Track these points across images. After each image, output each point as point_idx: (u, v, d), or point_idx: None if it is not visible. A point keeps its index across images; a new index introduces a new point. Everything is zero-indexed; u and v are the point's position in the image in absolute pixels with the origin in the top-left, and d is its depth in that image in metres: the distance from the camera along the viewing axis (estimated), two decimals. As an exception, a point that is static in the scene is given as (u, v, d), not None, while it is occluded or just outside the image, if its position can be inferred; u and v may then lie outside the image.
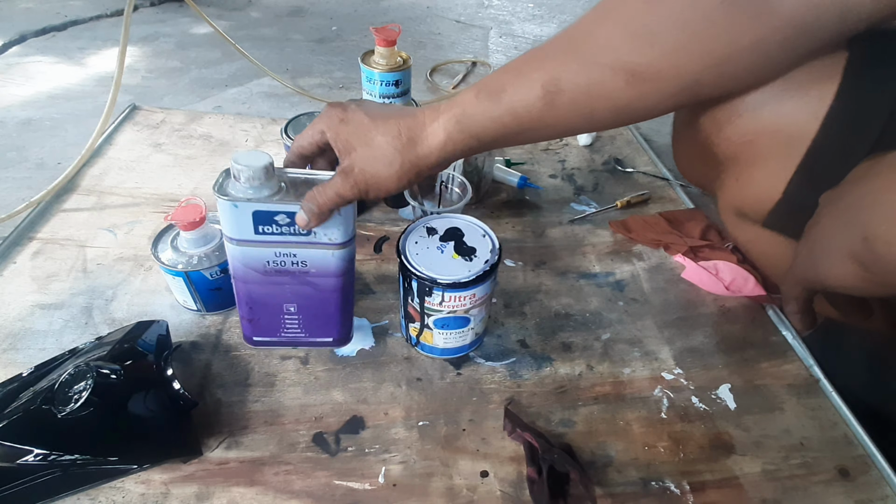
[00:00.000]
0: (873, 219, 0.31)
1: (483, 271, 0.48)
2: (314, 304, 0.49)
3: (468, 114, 0.39)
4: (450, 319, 0.51)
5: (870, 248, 0.31)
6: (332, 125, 0.43)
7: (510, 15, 1.62)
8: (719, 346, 0.60)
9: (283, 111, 1.04)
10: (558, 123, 0.39)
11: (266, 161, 0.41)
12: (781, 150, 0.40)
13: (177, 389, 0.47)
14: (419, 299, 0.50)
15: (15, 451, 0.41)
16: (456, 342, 0.55)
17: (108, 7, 1.42)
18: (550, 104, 0.38)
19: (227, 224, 0.42)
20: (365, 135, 0.41)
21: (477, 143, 0.40)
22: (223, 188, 0.41)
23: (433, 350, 0.56)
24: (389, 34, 0.69)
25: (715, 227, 0.76)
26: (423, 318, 0.52)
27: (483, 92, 0.39)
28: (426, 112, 0.41)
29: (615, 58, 0.36)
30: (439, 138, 0.40)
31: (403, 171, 0.41)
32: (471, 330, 0.54)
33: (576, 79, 0.37)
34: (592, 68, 0.36)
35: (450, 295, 0.48)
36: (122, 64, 0.79)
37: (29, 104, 1.00)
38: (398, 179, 0.42)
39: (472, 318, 0.52)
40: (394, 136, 0.40)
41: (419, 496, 0.46)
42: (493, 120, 0.39)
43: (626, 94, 0.36)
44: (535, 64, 0.38)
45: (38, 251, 0.66)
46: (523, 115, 0.39)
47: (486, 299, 0.52)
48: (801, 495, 0.47)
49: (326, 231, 0.43)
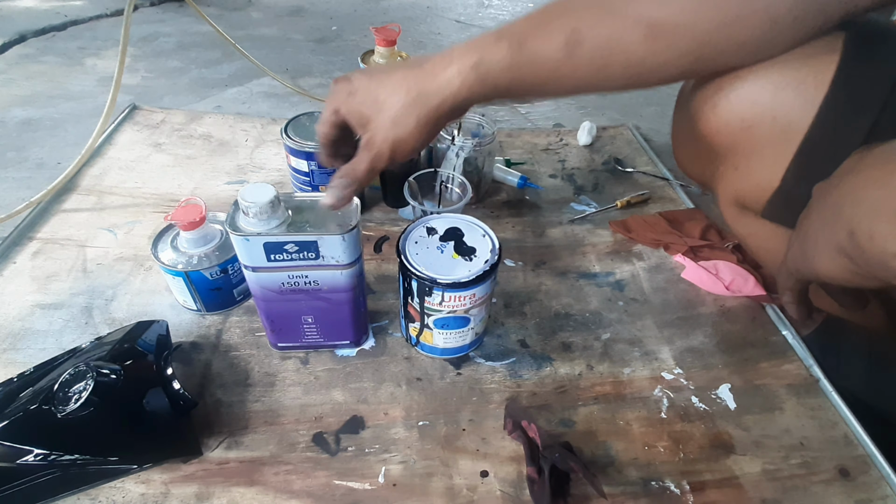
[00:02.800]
0: (857, 214, 0.32)
1: (483, 271, 0.48)
2: (329, 314, 0.52)
3: (486, 61, 0.38)
4: (450, 319, 0.51)
5: (855, 241, 0.32)
6: (342, 101, 0.42)
7: (510, 15, 1.62)
8: (719, 346, 0.60)
9: (283, 111, 1.04)
10: (573, 77, 0.39)
11: (271, 195, 0.43)
12: (779, 138, 0.41)
13: (177, 389, 0.47)
14: (419, 299, 0.50)
15: (15, 451, 0.41)
16: (456, 342, 0.55)
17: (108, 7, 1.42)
18: (569, 55, 0.38)
19: (241, 254, 0.46)
20: (374, 101, 0.40)
21: (492, 90, 0.40)
22: (234, 223, 0.44)
23: (433, 350, 0.56)
24: (389, 34, 0.69)
25: (715, 227, 0.76)
26: (424, 317, 0.52)
27: (504, 40, 0.39)
28: (436, 59, 0.40)
29: (636, 10, 0.36)
30: (454, 86, 0.39)
31: (421, 125, 0.40)
32: (471, 330, 0.54)
33: (596, 30, 0.37)
34: (614, 19, 0.37)
35: (450, 295, 0.48)
36: (122, 64, 0.79)
37: (29, 104, 1.00)
38: (419, 135, 0.41)
39: (472, 317, 0.52)
40: (404, 93, 0.40)
41: (419, 496, 0.46)
42: (511, 68, 0.39)
43: (642, 48, 0.37)
44: (558, 14, 0.39)
45: (38, 251, 0.66)
46: (541, 65, 0.39)
47: (486, 299, 0.51)
48: (801, 495, 0.47)
49: (333, 254, 0.46)
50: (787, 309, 0.43)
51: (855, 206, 0.32)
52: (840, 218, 0.33)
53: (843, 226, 0.33)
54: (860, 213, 0.32)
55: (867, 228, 0.31)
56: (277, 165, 0.84)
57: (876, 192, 0.31)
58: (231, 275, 0.58)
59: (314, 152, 0.65)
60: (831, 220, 0.34)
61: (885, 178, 0.31)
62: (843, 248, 0.33)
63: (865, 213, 0.31)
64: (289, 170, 0.70)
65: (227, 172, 0.82)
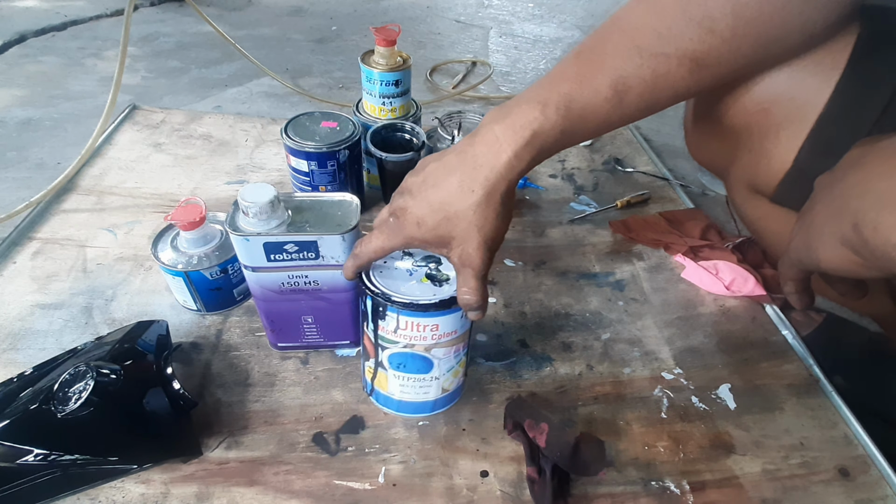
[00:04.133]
0: (862, 206, 0.32)
1: (450, 297, 0.40)
2: (329, 314, 0.52)
3: (538, 134, 0.37)
4: (407, 357, 0.44)
5: (859, 233, 0.32)
6: (412, 233, 0.39)
7: (510, 15, 1.62)
8: (719, 346, 0.60)
9: (283, 111, 1.04)
10: (623, 118, 0.39)
11: (271, 195, 0.43)
12: (794, 119, 0.41)
13: (177, 389, 0.47)
14: (373, 324, 0.43)
15: (15, 451, 0.41)
16: (415, 393, 0.47)
17: (108, 7, 1.42)
18: (619, 104, 0.38)
19: (241, 254, 0.46)
20: (447, 219, 0.38)
21: (546, 154, 0.39)
22: (234, 223, 0.44)
23: (388, 402, 0.49)
24: (389, 34, 0.69)
25: (715, 226, 0.76)
26: (378, 351, 0.45)
27: (550, 106, 0.37)
28: (483, 148, 0.38)
29: (678, 46, 0.36)
30: (514, 168, 0.38)
31: (500, 214, 0.39)
32: (434, 380, 0.46)
33: (641, 73, 0.37)
34: (658, 60, 0.37)
35: (406, 320, 0.41)
36: (123, 64, 0.79)
37: (29, 104, 1.00)
38: (503, 223, 0.39)
39: (434, 361, 0.44)
40: (471, 195, 0.38)
41: (419, 496, 0.46)
42: (564, 132, 0.38)
43: (688, 80, 0.37)
44: (597, 66, 0.38)
45: (38, 251, 0.66)
46: (591, 120, 0.38)
47: (454, 340, 0.44)
48: (801, 495, 0.47)
49: (333, 254, 0.46)
50: (788, 299, 0.44)
51: (860, 197, 0.33)
52: (845, 209, 0.33)
53: (848, 217, 0.33)
54: (865, 204, 0.32)
55: (872, 219, 0.31)
56: (277, 165, 0.84)
57: (881, 184, 0.32)
58: (231, 275, 0.58)
59: (314, 152, 0.65)
60: (836, 212, 0.35)
61: (889, 170, 0.32)
62: (847, 239, 0.33)
63: (870, 205, 0.32)
64: (289, 170, 0.70)
65: (227, 172, 0.82)
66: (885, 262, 0.31)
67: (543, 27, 1.55)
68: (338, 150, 0.66)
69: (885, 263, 0.31)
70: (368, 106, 0.75)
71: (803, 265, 0.40)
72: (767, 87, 0.41)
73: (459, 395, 0.52)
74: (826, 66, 0.39)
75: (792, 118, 0.41)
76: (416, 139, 0.72)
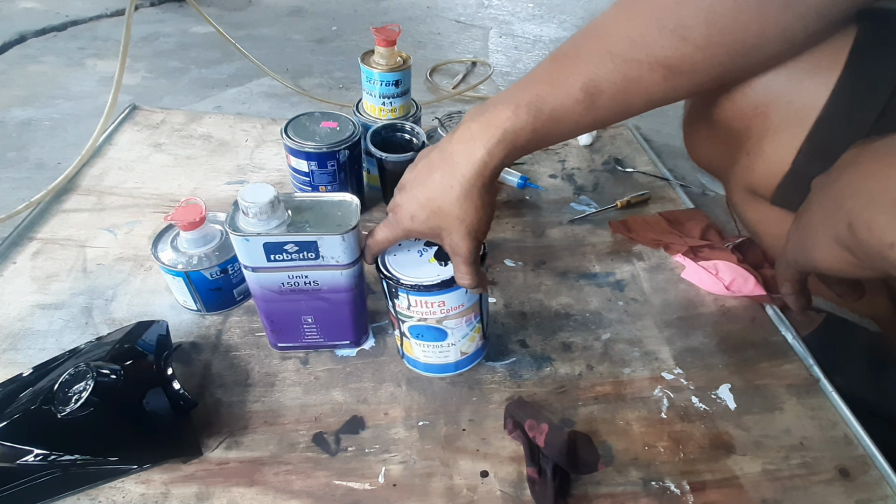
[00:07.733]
0: (856, 205, 0.33)
1: (451, 277, 0.45)
2: (329, 314, 0.52)
3: (510, 132, 0.39)
4: (423, 329, 0.49)
5: (853, 233, 0.32)
6: (407, 226, 0.44)
7: (510, 15, 1.62)
8: (719, 346, 0.60)
9: (283, 111, 1.04)
10: (595, 121, 0.40)
11: (271, 195, 0.44)
12: (791, 122, 0.41)
13: (177, 389, 0.47)
14: (391, 302, 0.49)
15: (15, 451, 0.41)
16: (437, 357, 0.52)
17: (108, 7, 1.42)
18: (591, 106, 0.38)
19: (241, 255, 0.46)
20: (437, 213, 0.42)
21: (520, 152, 0.41)
22: (234, 223, 0.45)
23: (416, 364, 0.54)
24: (389, 34, 0.69)
25: (715, 226, 0.76)
26: (399, 324, 0.50)
27: (521, 108, 0.39)
28: (460, 146, 0.41)
29: (650, 53, 0.36)
30: (488, 165, 0.40)
31: (479, 206, 0.42)
32: (451, 346, 0.51)
33: (612, 77, 0.37)
34: (630, 65, 0.37)
35: (415, 299, 0.46)
36: (123, 64, 0.79)
37: (29, 104, 1.00)
38: (484, 213, 0.43)
39: (448, 331, 0.49)
40: (450, 190, 0.41)
41: (419, 496, 0.46)
42: (535, 132, 0.40)
43: (662, 87, 0.38)
44: (569, 69, 0.39)
45: (38, 251, 0.66)
46: (563, 122, 0.39)
47: (463, 311, 0.48)
48: (801, 495, 0.47)
49: (333, 255, 0.46)
50: (785, 300, 0.44)
51: (854, 198, 0.33)
52: (839, 210, 0.34)
53: (843, 217, 0.33)
54: (859, 204, 0.32)
55: (866, 219, 0.31)
56: (277, 165, 0.84)
57: (875, 185, 0.32)
58: (231, 275, 0.58)
59: (314, 152, 0.65)
60: (831, 213, 0.35)
61: (883, 171, 0.32)
62: (842, 239, 0.34)
63: (864, 205, 0.32)
64: (289, 170, 0.70)
65: (227, 172, 0.82)
66: (879, 262, 0.31)
67: (543, 27, 1.55)
68: (338, 151, 0.66)
69: (880, 263, 0.31)
70: (368, 106, 0.75)
71: (799, 266, 0.40)
72: (764, 89, 0.41)
73: (482, 355, 0.56)
74: (823, 68, 0.39)
75: (790, 121, 0.41)
76: (416, 139, 0.72)
